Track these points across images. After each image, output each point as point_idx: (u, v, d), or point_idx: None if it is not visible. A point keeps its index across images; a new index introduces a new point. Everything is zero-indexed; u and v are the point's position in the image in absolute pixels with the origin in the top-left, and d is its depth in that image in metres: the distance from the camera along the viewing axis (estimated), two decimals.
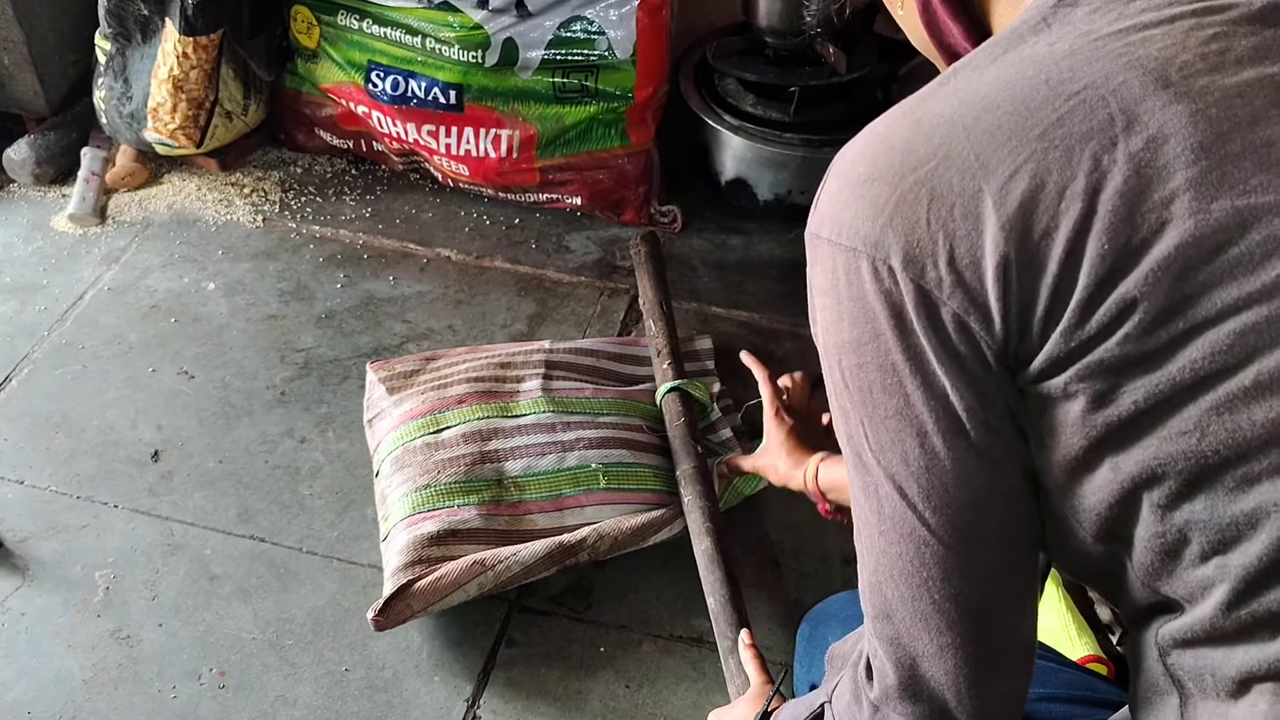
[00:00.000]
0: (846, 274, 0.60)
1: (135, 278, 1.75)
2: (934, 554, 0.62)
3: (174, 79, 1.77)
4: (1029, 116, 0.57)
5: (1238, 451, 0.54)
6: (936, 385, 0.59)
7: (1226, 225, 0.54)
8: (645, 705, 1.23)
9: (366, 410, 1.48)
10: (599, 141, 1.79)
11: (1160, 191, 0.54)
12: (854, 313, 0.60)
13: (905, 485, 0.61)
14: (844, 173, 0.61)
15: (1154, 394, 0.55)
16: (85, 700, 1.21)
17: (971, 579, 0.63)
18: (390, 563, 1.26)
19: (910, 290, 0.58)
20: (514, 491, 1.33)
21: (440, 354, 1.54)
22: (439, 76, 1.76)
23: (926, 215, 0.57)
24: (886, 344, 0.59)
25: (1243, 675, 0.57)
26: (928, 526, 0.61)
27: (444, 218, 1.88)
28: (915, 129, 0.59)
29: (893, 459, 0.62)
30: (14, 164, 1.90)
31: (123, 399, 1.55)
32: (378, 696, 1.22)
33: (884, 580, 0.65)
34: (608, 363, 1.56)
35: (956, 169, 0.57)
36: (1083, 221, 0.55)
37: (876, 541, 0.64)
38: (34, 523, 1.38)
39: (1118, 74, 0.57)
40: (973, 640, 0.64)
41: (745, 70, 1.82)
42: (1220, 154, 0.54)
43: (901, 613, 0.65)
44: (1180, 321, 0.54)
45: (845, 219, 0.60)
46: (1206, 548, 0.56)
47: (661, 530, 1.32)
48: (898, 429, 0.61)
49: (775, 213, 1.86)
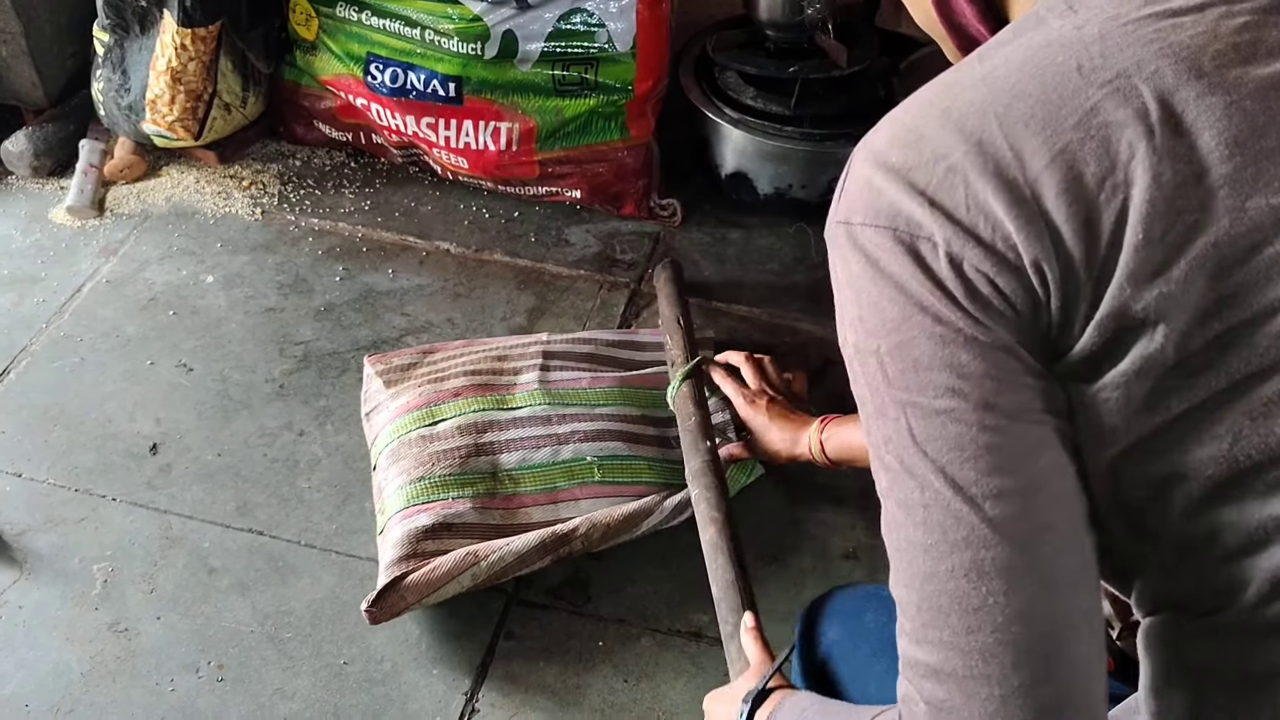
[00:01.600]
0: (888, 254, 0.57)
1: (133, 270, 1.74)
2: (995, 560, 0.56)
3: (172, 71, 1.77)
4: (1063, 105, 0.55)
5: (1270, 456, 0.54)
6: (992, 352, 0.56)
7: (1262, 224, 0.53)
8: (643, 699, 1.23)
9: (364, 404, 1.48)
10: (599, 134, 1.79)
11: (1196, 187, 0.53)
12: (894, 293, 0.57)
13: (959, 474, 0.56)
14: (874, 161, 0.59)
15: (1188, 397, 0.55)
16: (83, 693, 1.21)
17: (1040, 587, 0.57)
18: (385, 556, 1.26)
19: (954, 271, 0.56)
20: (508, 485, 1.33)
21: (437, 347, 1.54)
22: (438, 69, 1.75)
23: (965, 200, 0.55)
24: (937, 313, 0.56)
25: (1266, 671, 0.57)
26: (988, 521, 0.56)
27: (443, 211, 1.88)
28: (945, 118, 0.58)
29: (942, 448, 0.57)
30: (12, 156, 1.90)
31: (121, 392, 1.55)
32: (376, 689, 1.22)
33: (930, 621, 0.58)
34: (605, 349, 1.55)
35: (991, 158, 0.55)
36: (1120, 214, 0.54)
37: (921, 565, 0.58)
38: (32, 515, 1.38)
39: (1150, 61, 0.55)
40: (1045, 680, 0.56)
41: (746, 63, 1.81)
42: (1256, 150, 0.53)
43: (954, 661, 0.57)
44: (1216, 323, 0.53)
45: (882, 204, 0.57)
46: (1234, 549, 0.56)
47: (653, 516, 1.32)
48: (950, 408, 0.57)
49: (775, 207, 1.85)
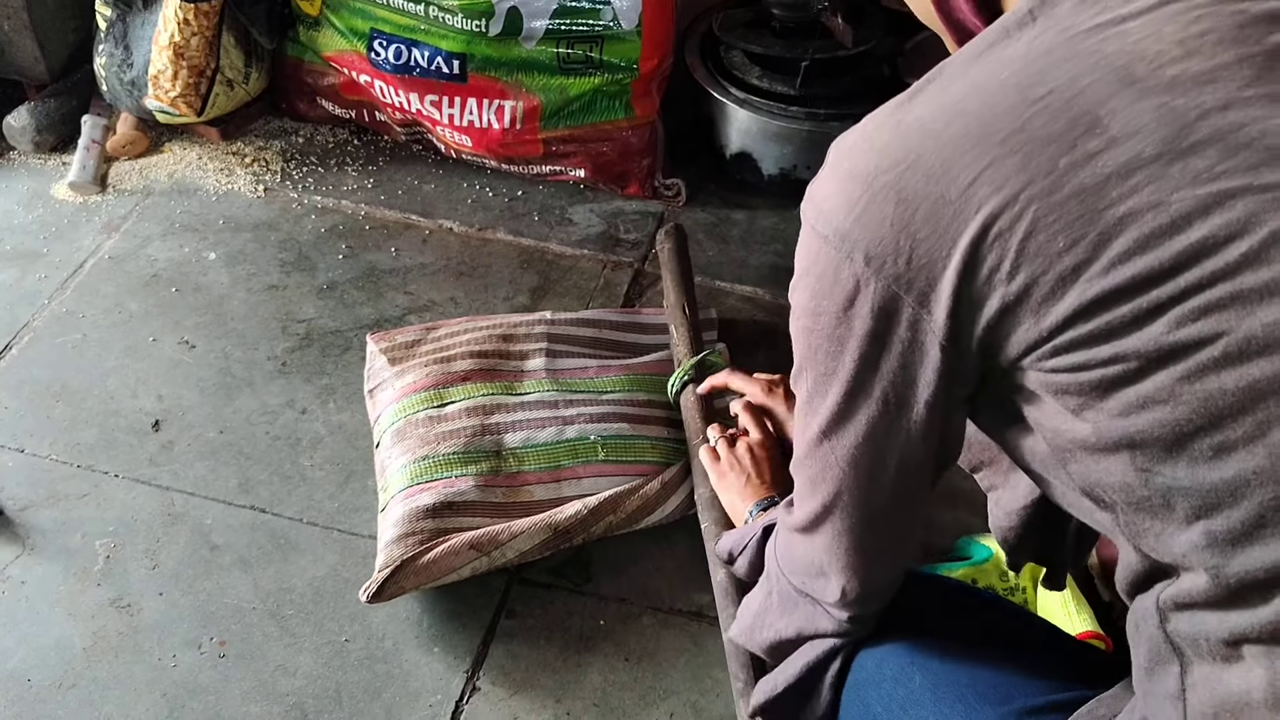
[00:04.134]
0: (817, 256, 0.66)
1: (136, 246, 1.74)
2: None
3: (175, 46, 1.76)
4: (994, 123, 0.60)
5: (1210, 419, 0.56)
6: (881, 370, 0.67)
7: (1189, 213, 0.55)
8: (645, 678, 1.23)
9: (367, 381, 1.48)
10: (603, 113, 1.78)
11: (1119, 189, 0.56)
12: (816, 288, 0.67)
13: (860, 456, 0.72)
14: (833, 164, 0.66)
15: (1125, 370, 0.58)
16: (85, 668, 1.21)
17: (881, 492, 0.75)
18: (384, 534, 1.27)
19: (870, 284, 0.63)
20: (512, 463, 1.33)
21: (440, 324, 1.53)
22: (442, 46, 1.74)
23: (892, 216, 0.61)
24: (841, 320, 0.66)
25: (1234, 637, 0.59)
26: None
27: (446, 189, 1.87)
28: (895, 130, 0.63)
29: (831, 411, 0.72)
30: (14, 131, 1.89)
31: (123, 368, 1.54)
32: (377, 667, 1.23)
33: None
34: (610, 332, 1.55)
35: (923, 174, 0.61)
36: (1037, 222, 0.58)
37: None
38: (34, 491, 1.38)
39: (1084, 75, 0.59)
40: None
41: (751, 42, 1.80)
42: (1184, 145, 0.56)
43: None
44: (1144, 301, 0.56)
45: (825, 209, 0.65)
46: (1190, 513, 0.59)
47: (654, 513, 1.32)
48: (831, 389, 0.71)
49: (779, 187, 1.84)
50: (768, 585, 0.92)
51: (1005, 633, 0.90)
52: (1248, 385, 0.55)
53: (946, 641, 0.86)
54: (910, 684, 0.83)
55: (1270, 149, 0.55)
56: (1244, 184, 0.55)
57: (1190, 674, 0.62)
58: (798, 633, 0.88)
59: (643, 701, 1.21)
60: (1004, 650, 0.85)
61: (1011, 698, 0.80)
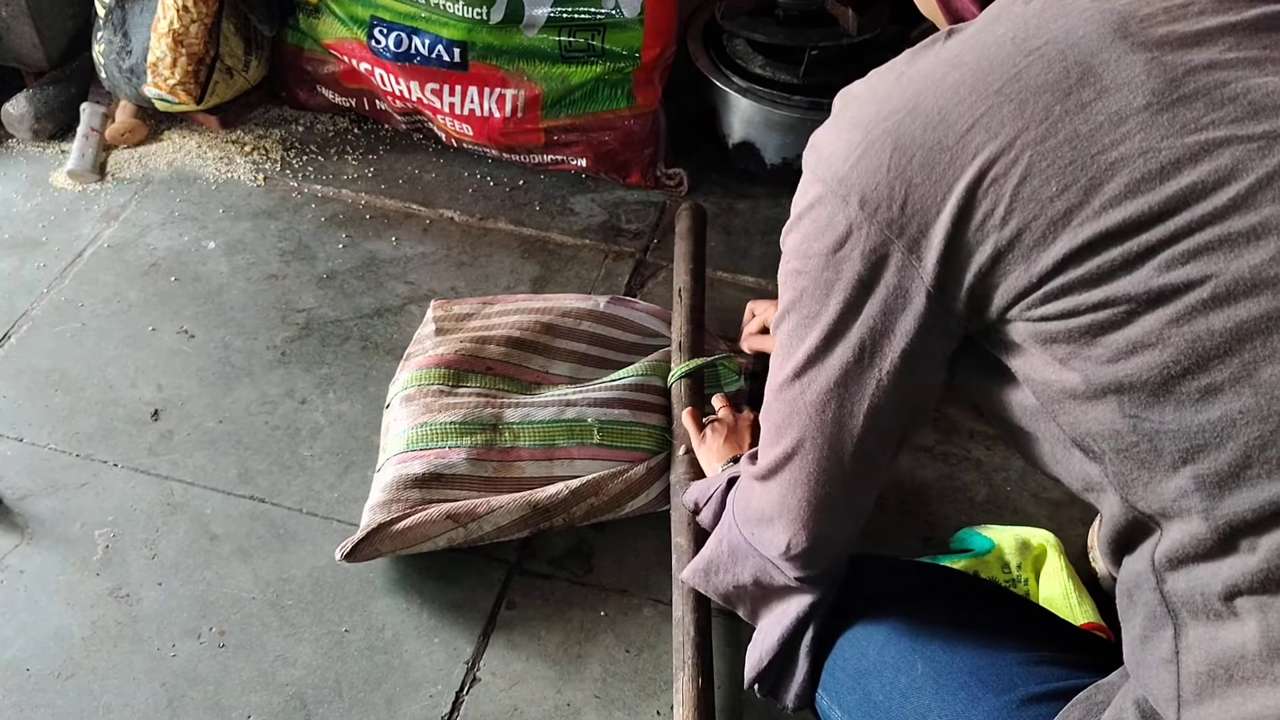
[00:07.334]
0: (813, 201, 0.68)
1: (135, 235, 1.73)
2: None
3: (174, 33, 1.75)
4: (990, 73, 0.62)
5: (1197, 361, 0.57)
6: (863, 315, 0.69)
7: (1178, 160, 0.57)
8: (645, 669, 1.23)
9: (412, 344, 1.48)
10: (605, 102, 1.77)
11: (1111, 135, 0.59)
12: (809, 230, 0.69)
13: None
14: (836, 112, 0.68)
15: (1115, 315, 0.59)
16: (84, 658, 1.21)
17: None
18: (372, 496, 1.29)
19: (862, 229, 0.65)
20: (508, 437, 1.33)
21: (499, 299, 1.53)
22: (443, 33, 1.73)
23: (889, 162, 0.63)
24: (830, 263, 0.68)
25: (1228, 590, 0.59)
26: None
27: (447, 178, 1.86)
28: (896, 81, 0.65)
29: (807, 353, 0.74)
30: (12, 119, 1.88)
31: (122, 357, 1.54)
32: (377, 657, 1.22)
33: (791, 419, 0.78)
34: (639, 337, 1.52)
35: (920, 122, 0.63)
36: (1031, 168, 0.60)
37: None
38: (33, 480, 1.38)
39: (1079, 28, 0.61)
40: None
41: (755, 31, 1.79)
42: (1173, 97, 0.58)
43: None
44: (1134, 244, 0.58)
45: (825, 154, 0.67)
46: (1177, 457, 0.59)
47: (639, 498, 1.32)
48: (811, 333, 0.73)
49: (782, 177, 1.84)
50: (719, 534, 0.95)
51: (1008, 622, 0.90)
52: (1235, 326, 0.56)
53: (949, 630, 0.86)
54: (913, 672, 0.83)
55: (1254, 104, 0.58)
56: (1230, 134, 0.57)
57: (1184, 636, 0.63)
58: (754, 578, 0.91)
59: (643, 693, 1.20)
60: (1006, 639, 0.85)
61: (1014, 686, 0.80)
